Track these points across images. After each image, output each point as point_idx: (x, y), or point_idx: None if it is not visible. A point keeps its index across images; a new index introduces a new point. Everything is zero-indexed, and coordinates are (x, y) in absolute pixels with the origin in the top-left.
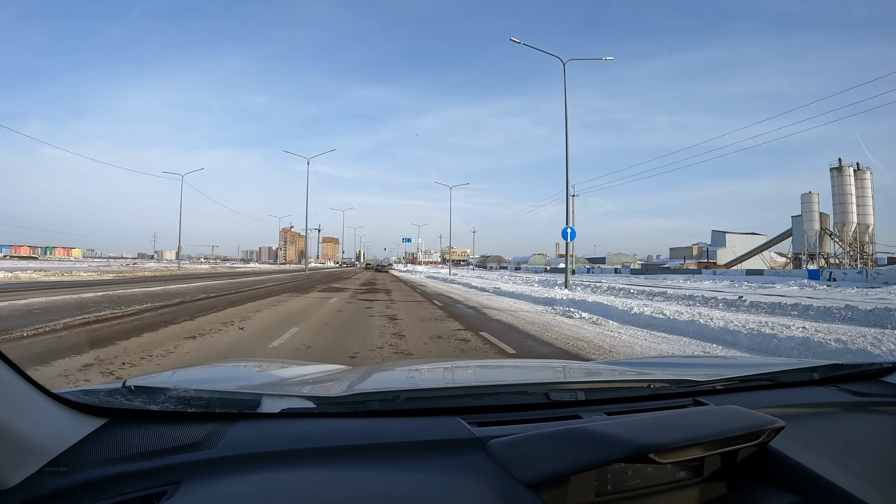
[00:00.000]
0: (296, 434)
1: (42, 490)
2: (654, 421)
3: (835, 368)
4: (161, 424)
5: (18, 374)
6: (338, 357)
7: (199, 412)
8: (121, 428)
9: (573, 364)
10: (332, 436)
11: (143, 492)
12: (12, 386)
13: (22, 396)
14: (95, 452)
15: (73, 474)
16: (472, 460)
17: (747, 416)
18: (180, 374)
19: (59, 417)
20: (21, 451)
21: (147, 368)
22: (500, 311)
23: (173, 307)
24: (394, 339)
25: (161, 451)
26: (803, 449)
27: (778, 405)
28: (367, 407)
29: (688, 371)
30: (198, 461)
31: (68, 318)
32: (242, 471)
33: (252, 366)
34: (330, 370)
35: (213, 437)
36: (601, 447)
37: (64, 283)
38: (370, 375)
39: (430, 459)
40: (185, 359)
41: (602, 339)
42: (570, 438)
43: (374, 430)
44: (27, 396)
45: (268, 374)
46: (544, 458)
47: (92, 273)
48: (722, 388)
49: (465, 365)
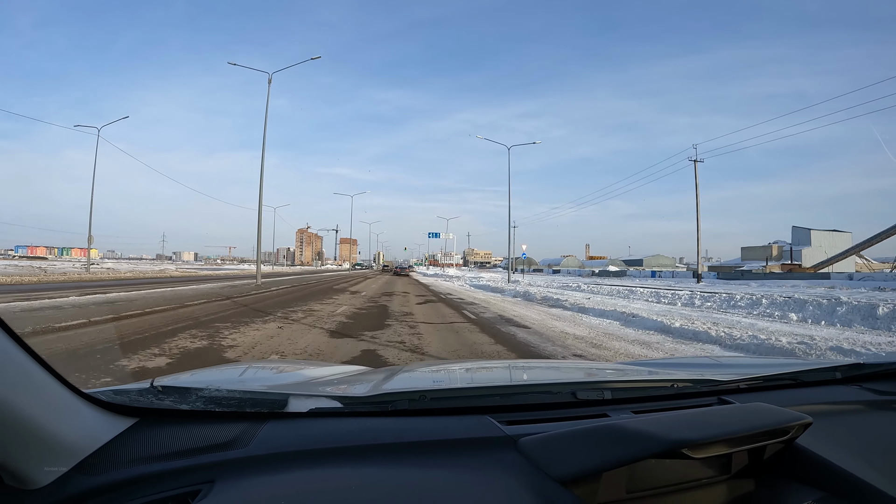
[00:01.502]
0: (327, 433)
1: (75, 489)
2: (683, 418)
3: (857, 368)
4: (192, 424)
5: (51, 374)
6: None
7: (230, 412)
8: (152, 427)
9: (598, 364)
10: (363, 435)
11: (177, 490)
12: (45, 386)
13: (54, 396)
14: (127, 452)
15: (105, 473)
16: (504, 457)
17: (775, 413)
18: (201, 374)
19: (91, 417)
20: (54, 450)
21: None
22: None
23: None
24: None
25: (193, 449)
26: (828, 446)
27: (801, 403)
28: (396, 406)
29: (711, 371)
30: (231, 460)
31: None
32: (277, 469)
33: (271, 367)
34: (352, 371)
35: (246, 437)
36: (633, 444)
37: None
38: (395, 376)
39: (463, 457)
40: None
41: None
42: (602, 435)
43: (404, 428)
44: (59, 396)
45: (290, 374)
46: (577, 455)
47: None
48: (746, 387)
49: (490, 366)
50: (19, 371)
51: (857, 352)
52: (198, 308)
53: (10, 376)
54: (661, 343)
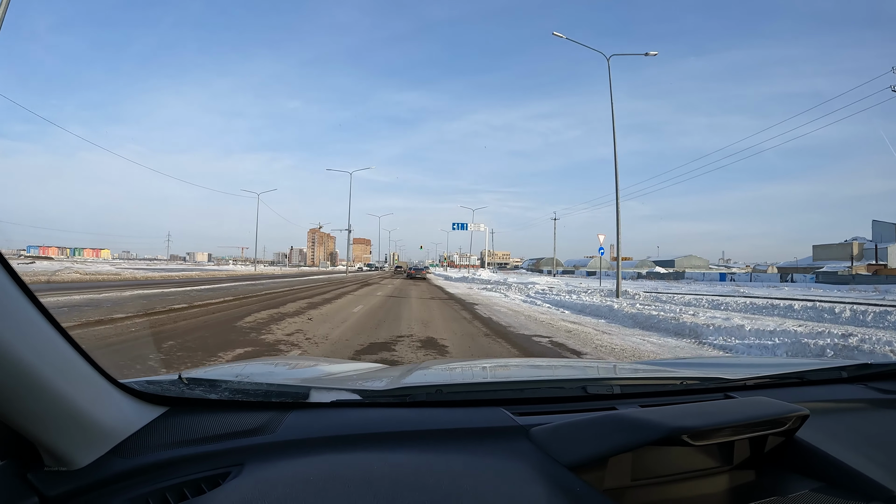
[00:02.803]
0: (349, 421)
1: (110, 471)
2: (686, 409)
3: (863, 367)
4: (220, 412)
5: (91, 365)
6: None
7: (256, 401)
8: (181, 415)
9: (609, 363)
10: (384, 423)
11: (208, 472)
12: (87, 376)
13: (94, 385)
14: (160, 437)
15: (140, 456)
16: (517, 446)
17: (773, 405)
18: (224, 369)
19: (126, 405)
20: (92, 434)
21: None
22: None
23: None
24: None
25: (222, 435)
26: (829, 441)
27: (806, 400)
28: (415, 398)
29: (720, 370)
30: (259, 444)
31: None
32: (305, 453)
33: (291, 363)
34: (370, 367)
35: (272, 424)
36: (637, 431)
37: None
38: (412, 372)
39: (479, 444)
40: None
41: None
42: (607, 424)
43: (423, 418)
44: (98, 385)
45: (310, 369)
46: (584, 442)
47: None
48: (752, 384)
49: (504, 363)
50: (65, 362)
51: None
52: (284, 286)
53: (56, 366)
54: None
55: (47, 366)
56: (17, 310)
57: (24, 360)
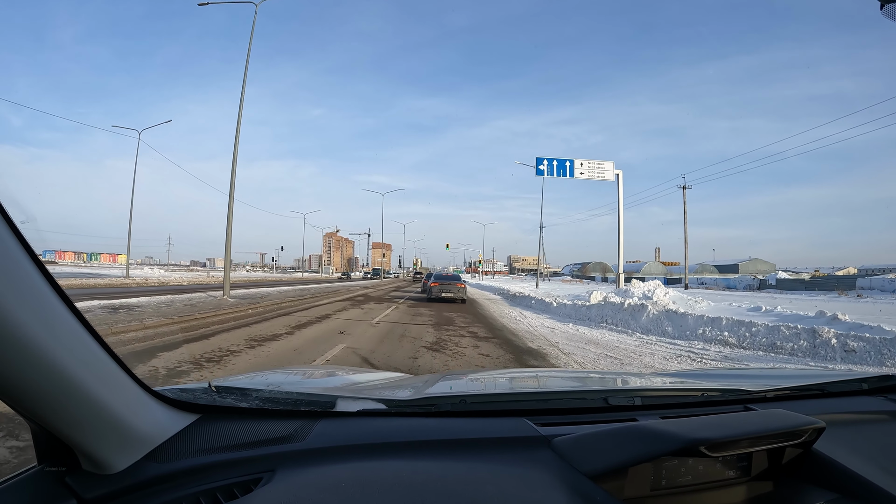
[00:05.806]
0: (376, 430)
1: (146, 475)
2: (705, 421)
3: (885, 379)
4: (250, 420)
5: (127, 374)
6: None
7: (286, 410)
8: (213, 423)
9: (630, 375)
10: (410, 432)
11: (241, 478)
12: (124, 385)
13: (130, 393)
14: (193, 443)
15: (174, 462)
16: (539, 455)
17: (790, 417)
18: (252, 378)
19: (160, 412)
20: (128, 439)
21: None
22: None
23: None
24: None
25: (254, 442)
26: (847, 453)
27: (826, 412)
28: (440, 408)
29: (740, 382)
30: (290, 451)
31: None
32: (335, 461)
33: (317, 372)
34: (394, 377)
35: (302, 432)
36: (657, 441)
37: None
38: (436, 382)
39: (503, 453)
40: None
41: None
42: (627, 435)
43: (447, 428)
44: (134, 393)
45: (336, 378)
46: (605, 452)
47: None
48: (773, 396)
49: (527, 374)
50: (105, 371)
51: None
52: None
53: (97, 375)
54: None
55: (89, 375)
56: (62, 323)
57: (68, 369)
